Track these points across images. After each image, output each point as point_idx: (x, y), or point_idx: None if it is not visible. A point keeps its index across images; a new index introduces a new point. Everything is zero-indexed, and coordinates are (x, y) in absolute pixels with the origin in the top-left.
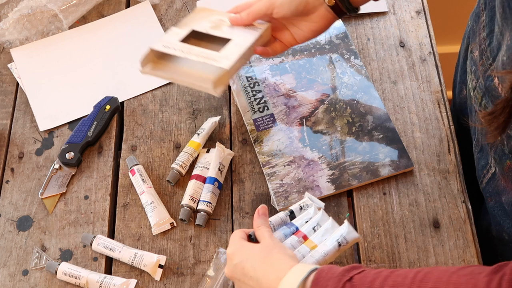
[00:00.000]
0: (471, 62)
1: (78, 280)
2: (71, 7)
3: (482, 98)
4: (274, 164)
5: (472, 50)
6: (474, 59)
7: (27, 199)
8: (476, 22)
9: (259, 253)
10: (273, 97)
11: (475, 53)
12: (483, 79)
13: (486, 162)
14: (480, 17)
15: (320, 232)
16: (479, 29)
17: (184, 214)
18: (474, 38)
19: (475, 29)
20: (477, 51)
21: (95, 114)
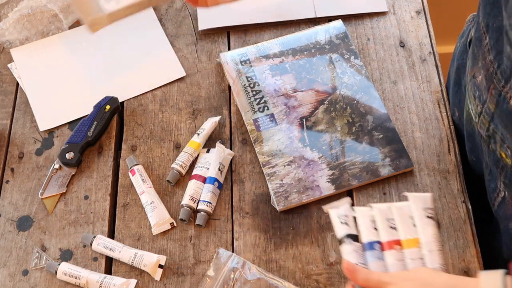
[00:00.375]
0: (473, 88)
1: (78, 280)
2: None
3: (490, 123)
4: (274, 164)
5: (475, 75)
6: (478, 84)
7: (27, 199)
8: (477, 46)
9: None
10: (273, 97)
11: (478, 78)
12: (493, 104)
13: (495, 185)
14: (482, 41)
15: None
16: (482, 52)
17: (184, 214)
18: (475, 63)
19: (476, 54)
20: (480, 76)
21: (95, 114)
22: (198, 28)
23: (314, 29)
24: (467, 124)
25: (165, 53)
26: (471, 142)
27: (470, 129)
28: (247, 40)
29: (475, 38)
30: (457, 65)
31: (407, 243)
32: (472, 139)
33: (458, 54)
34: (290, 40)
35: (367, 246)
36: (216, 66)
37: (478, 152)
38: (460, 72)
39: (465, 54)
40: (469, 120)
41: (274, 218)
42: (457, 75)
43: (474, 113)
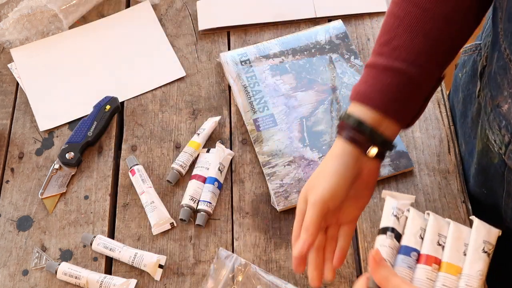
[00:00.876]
0: (497, 118)
1: (78, 280)
2: (71, 7)
3: None
4: (274, 164)
5: (499, 105)
6: (504, 113)
7: (27, 199)
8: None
9: None
10: (273, 97)
11: (504, 107)
12: None
13: None
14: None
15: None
16: (508, 81)
17: (184, 214)
18: (500, 92)
19: (500, 83)
20: (507, 105)
21: (95, 114)
22: (198, 28)
23: (314, 29)
24: (481, 157)
25: (165, 53)
26: (484, 176)
27: (484, 162)
28: (247, 40)
29: (498, 67)
30: (463, 96)
31: (447, 266)
32: (486, 172)
33: (463, 85)
34: (290, 40)
35: (403, 249)
36: (216, 66)
37: (492, 183)
38: (467, 103)
39: (471, 85)
40: (486, 153)
41: (274, 218)
42: (464, 106)
43: (498, 144)
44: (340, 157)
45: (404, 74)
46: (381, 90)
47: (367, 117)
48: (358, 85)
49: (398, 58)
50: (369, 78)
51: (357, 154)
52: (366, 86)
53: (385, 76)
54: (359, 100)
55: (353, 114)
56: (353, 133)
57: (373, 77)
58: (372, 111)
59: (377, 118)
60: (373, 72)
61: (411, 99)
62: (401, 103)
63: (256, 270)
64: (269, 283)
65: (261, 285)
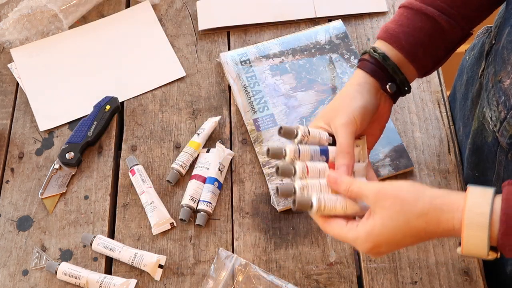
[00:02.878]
0: (497, 93)
1: (78, 280)
2: (71, 7)
3: None
4: (274, 164)
5: (501, 80)
6: (505, 89)
7: (27, 199)
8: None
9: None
10: (273, 97)
11: (505, 82)
12: None
13: None
14: None
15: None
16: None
17: (184, 214)
18: (504, 67)
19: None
20: (509, 80)
21: (95, 114)
22: (198, 28)
23: (314, 29)
24: (476, 136)
25: (165, 53)
26: (477, 156)
27: (479, 142)
28: (247, 40)
29: (507, 41)
30: (467, 78)
31: None
32: (480, 152)
33: (468, 67)
34: (290, 40)
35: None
36: (216, 66)
37: (485, 165)
38: (469, 85)
39: (476, 66)
40: (480, 132)
41: (274, 218)
42: (466, 88)
43: (494, 121)
44: (363, 85)
45: (435, 21)
46: (410, 33)
47: (392, 56)
48: (388, 24)
49: (432, 4)
50: (401, 18)
51: (377, 86)
52: (396, 26)
53: (417, 19)
54: (386, 39)
55: (379, 49)
56: (377, 67)
57: (405, 18)
58: (396, 52)
59: (401, 60)
60: (406, 12)
61: (435, 47)
62: (426, 50)
63: (256, 270)
64: (269, 283)
65: (261, 285)
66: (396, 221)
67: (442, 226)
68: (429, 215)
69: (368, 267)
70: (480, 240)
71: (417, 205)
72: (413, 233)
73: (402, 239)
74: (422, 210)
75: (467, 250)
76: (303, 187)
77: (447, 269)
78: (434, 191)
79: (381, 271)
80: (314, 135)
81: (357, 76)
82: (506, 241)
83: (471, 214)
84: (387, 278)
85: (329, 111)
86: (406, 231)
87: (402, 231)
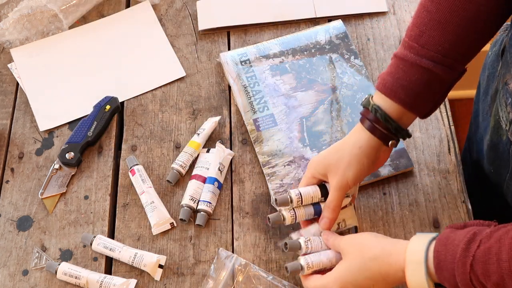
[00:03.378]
0: (505, 95)
1: (78, 280)
2: (71, 7)
3: None
4: (274, 164)
5: (507, 82)
6: (511, 91)
7: (27, 199)
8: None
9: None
10: (273, 97)
11: (510, 85)
12: None
13: None
14: None
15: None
16: None
17: (184, 214)
18: (508, 70)
19: (508, 61)
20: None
21: (95, 114)
22: (198, 28)
23: (314, 29)
24: (493, 133)
25: (165, 53)
26: (494, 152)
27: (495, 139)
28: (247, 40)
29: (510, 45)
30: (488, 74)
31: None
32: (496, 149)
33: (490, 63)
34: (290, 40)
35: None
36: (216, 66)
37: (500, 162)
38: (490, 81)
39: (496, 63)
40: (497, 129)
41: None
42: (487, 83)
43: (505, 121)
44: (363, 149)
45: (431, 73)
46: (407, 86)
47: (392, 110)
48: (385, 76)
49: (426, 56)
50: (397, 71)
51: (379, 145)
52: (394, 79)
53: (413, 72)
54: (386, 93)
55: (380, 108)
56: (379, 127)
57: (401, 71)
58: (397, 105)
59: (401, 111)
60: (401, 65)
61: (433, 93)
62: (424, 97)
63: (256, 270)
64: (269, 283)
65: (261, 285)
66: (355, 264)
67: (393, 268)
68: (380, 258)
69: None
70: (419, 276)
71: (371, 249)
72: (370, 274)
73: (363, 281)
74: (374, 254)
75: (411, 285)
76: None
77: None
78: (387, 239)
79: None
80: (307, 198)
81: (359, 135)
82: (440, 275)
83: (410, 253)
84: None
85: (326, 165)
86: (364, 273)
87: (361, 272)
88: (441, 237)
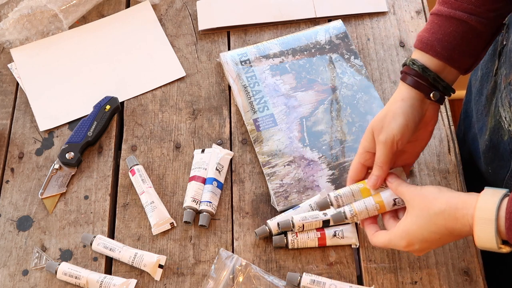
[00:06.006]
0: (508, 95)
1: (78, 280)
2: (71, 7)
3: None
4: (274, 164)
5: (511, 83)
6: None
7: (27, 199)
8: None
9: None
10: (273, 97)
11: None
12: None
13: None
14: None
15: None
16: None
17: (188, 216)
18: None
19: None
20: None
21: (95, 114)
22: (198, 28)
23: (314, 29)
24: (493, 133)
25: (165, 53)
26: (493, 153)
27: (495, 139)
28: (247, 40)
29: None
30: (481, 74)
31: None
32: (496, 149)
33: (483, 63)
34: (290, 40)
35: None
36: (216, 66)
37: (500, 162)
38: (484, 81)
39: (490, 63)
40: (497, 129)
41: None
42: (481, 84)
43: (508, 121)
44: (406, 100)
45: (466, 24)
46: (443, 39)
47: (430, 64)
48: (422, 33)
49: (460, 8)
50: (432, 26)
51: (421, 97)
52: (429, 34)
53: (448, 24)
54: (422, 49)
55: (417, 61)
56: (418, 79)
57: (437, 25)
58: (434, 59)
59: (440, 65)
60: (436, 20)
61: (471, 46)
62: (462, 50)
63: (257, 271)
64: (269, 284)
65: (261, 285)
66: (421, 218)
67: (460, 222)
68: (446, 212)
69: (368, 267)
70: (489, 233)
71: (436, 203)
72: (436, 229)
73: (429, 235)
74: (439, 208)
75: (479, 242)
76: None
77: (447, 269)
78: (452, 192)
79: (381, 271)
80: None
81: (400, 90)
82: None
83: (480, 210)
84: (387, 278)
85: (376, 123)
86: (430, 227)
87: (426, 227)
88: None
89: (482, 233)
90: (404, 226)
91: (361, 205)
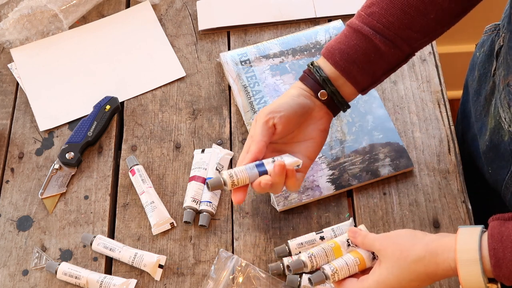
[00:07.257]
0: (507, 96)
1: (78, 280)
2: (71, 7)
3: None
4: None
5: (510, 83)
6: None
7: (27, 199)
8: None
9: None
10: (273, 97)
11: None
12: None
13: None
14: None
15: None
16: None
17: (188, 216)
18: (510, 71)
19: (510, 62)
20: None
21: (95, 114)
22: (198, 28)
23: (314, 29)
24: (493, 134)
25: (165, 53)
26: (494, 153)
27: (496, 140)
28: (247, 40)
29: (509, 47)
30: (479, 75)
31: None
32: (496, 150)
33: (480, 64)
34: (290, 40)
35: None
36: (216, 66)
37: (500, 163)
38: (482, 82)
39: (488, 64)
40: (497, 130)
41: (274, 218)
42: (479, 84)
43: (508, 122)
44: (295, 88)
45: (369, 40)
46: (345, 50)
47: (328, 71)
48: (331, 41)
49: (369, 24)
50: (341, 36)
51: (309, 93)
52: (335, 43)
53: (353, 37)
54: (324, 55)
55: (315, 64)
56: (309, 76)
57: (344, 36)
58: (331, 67)
59: (336, 74)
60: (346, 31)
61: (371, 65)
62: (361, 67)
63: (257, 271)
64: (269, 284)
65: (261, 286)
66: (397, 268)
67: (441, 267)
68: (426, 259)
69: None
70: (475, 274)
71: (414, 250)
72: (415, 277)
73: (408, 283)
74: (418, 255)
75: (466, 285)
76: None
77: None
78: (426, 235)
79: None
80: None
81: (294, 84)
82: (499, 272)
83: (462, 252)
84: None
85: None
86: (409, 276)
87: (404, 276)
88: (492, 232)
89: (468, 275)
90: (379, 277)
91: (341, 261)
